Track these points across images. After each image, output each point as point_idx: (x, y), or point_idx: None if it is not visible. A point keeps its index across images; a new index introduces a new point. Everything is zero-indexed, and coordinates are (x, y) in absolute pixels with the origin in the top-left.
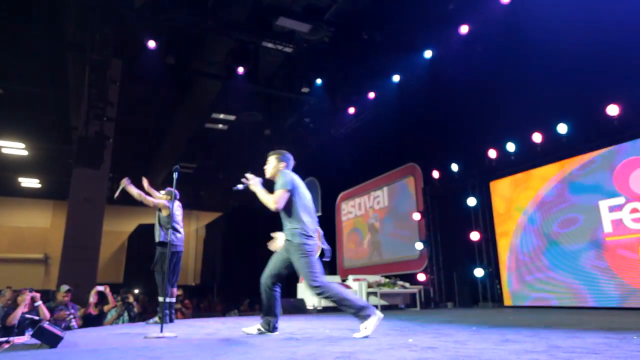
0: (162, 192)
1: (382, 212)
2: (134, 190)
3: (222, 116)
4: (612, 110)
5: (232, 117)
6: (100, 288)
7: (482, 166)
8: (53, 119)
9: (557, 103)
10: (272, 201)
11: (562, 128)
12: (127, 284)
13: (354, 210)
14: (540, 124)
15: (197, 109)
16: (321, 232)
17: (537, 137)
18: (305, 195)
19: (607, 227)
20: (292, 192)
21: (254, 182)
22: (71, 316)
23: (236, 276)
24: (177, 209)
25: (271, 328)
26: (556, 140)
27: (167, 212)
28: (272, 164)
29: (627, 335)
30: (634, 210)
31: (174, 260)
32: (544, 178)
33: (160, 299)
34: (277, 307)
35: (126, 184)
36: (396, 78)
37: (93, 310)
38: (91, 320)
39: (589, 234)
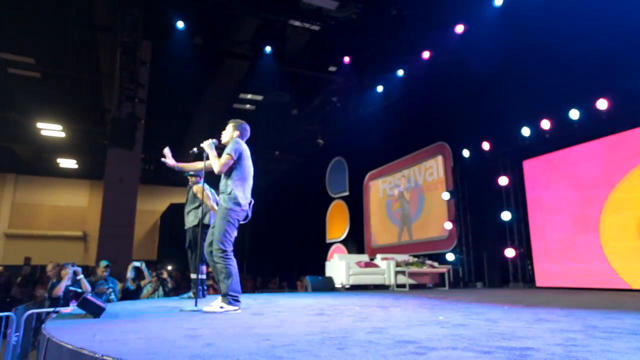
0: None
1: (411, 191)
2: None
3: (249, 96)
4: None
5: (259, 98)
6: (137, 264)
7: (515, 144)
8: (87, 102)
9: (596, 78)
10: (217, 164)
11: (601, 104)
12: (160, 260)
13: (382, 189)
14: (577, 100)
15: (226, 90)
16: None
17: (574, 114)
18: (248, 167)
19: None
20: (237, 160)
21: (207, 143)
22: (110, 290)
23: (265, 254)
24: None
25: (229, 301)
26: (595, 116)
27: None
28: (228, 131)
29: None
30: None
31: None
32: (582, 157)
33: (193, 276)
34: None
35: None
36: (426, 54)
37: (131, 284)
38: (129, 295)
39: (627, 215)
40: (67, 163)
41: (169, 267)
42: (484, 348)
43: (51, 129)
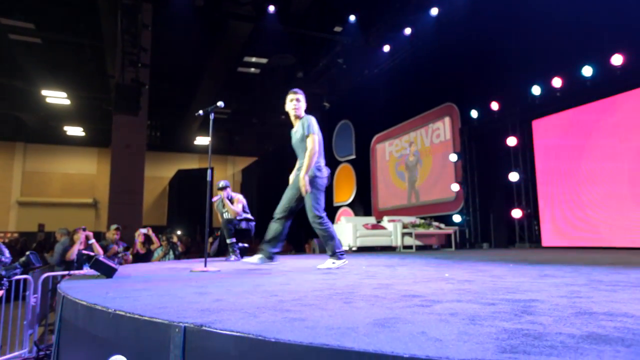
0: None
1: (418, 154)
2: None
3: (254, 59)
4: None
5: (264, 60)
6: (144, 230)
7: (525, 104)
8: (91, 68)
9: (611, 32)
10: (312, 148)
11: (616, 59)
12: (170, 226)
13: (389, 152)
14: (591, 56)
15: (229, 53)
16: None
17: (587, 71)
18: (321, 139)
19: None
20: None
21: (301, 183)
22: (122, 252)
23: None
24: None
25: (270, 256)
26: (609, 73)
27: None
28: (302, 102)
29: None
30: None
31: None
32: (593, 114)
33: (228, 240)
34: (281, 239)
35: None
36: (434, 11)
37: (141, 249)
38: (140, 258)
39: (636, 173)
40: (74, 131)
41: (179, 232)
42: (489, 300)
43: (56, 97)
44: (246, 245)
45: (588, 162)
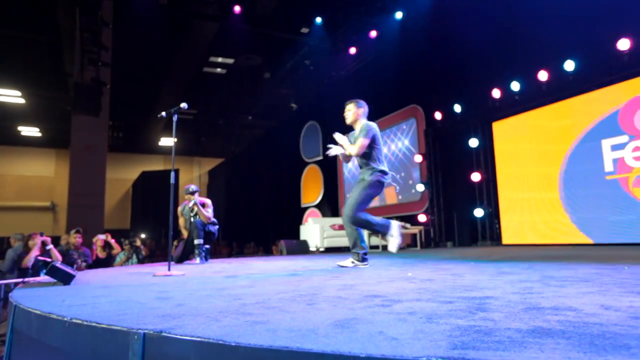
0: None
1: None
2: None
3: (220, 60)
4: (623, 44)
5: (230, 61)
6: (102, 236)
7: (485, 106)
8: (47, 65)
9: (565, 38)
10: (354, 149)
11: (569, 65)
12: (134, 229)
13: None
14: (546, 62)
15: (195, 53)
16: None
17: (543, 75)
18: (380, 141)
19: (609, 166)
20: (372, 141)
21: (338, 145)
22: (81, 258)
23: (240, 220)
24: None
25: (361, 259)
26: (563, 78)
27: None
28: (351, 111)
29: (619, 266)
30: (636, 149)
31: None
32: (549, 117)
33: (196, 241)
34: (362, 240)
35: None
36: (399, 15)
37: (100, 254)
38: (100, 263)
39: (590, 172)
40: (30, 131)
41: (143, 235)
42: (447, 299)
43: (9, 95)
44: (208, 246)
45: (543, 163)
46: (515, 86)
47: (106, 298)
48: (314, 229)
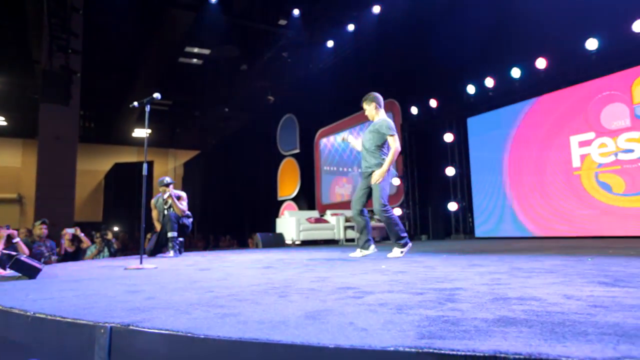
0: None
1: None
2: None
3: (196, 50)
4: (591, 44)
5: (206, 52)
6: (71, 230)
7: (460, 102)
8: (12, 51)
9: (537, 37)
10: (395, 147)
11: (540, 63)
12: (106, 222)
13: (333, 147)
14: (519, 59)
15: (170, 42)
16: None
17: (515, 73)
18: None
19: (576, 162)
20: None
21: (377, 174)
22: (49, 250)
23: (216, 213)
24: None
25: (367, 247)
26: (534, 75)
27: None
28: (370, 107)
29: (583, 258)
30: (602, 145)
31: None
32: (521, 113)
33: (170, 234)
34: (369, 229)
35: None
36: (376, 9)
37: (69, 247)
38: (69, 257)
39: (558, 167)
40: None
41: (116, 228)
42: (418, 290)
43: None
44: (182, 239)
45: (515, 159)
46: (489, 82)
47: (73, 292)
48: (290, 222)
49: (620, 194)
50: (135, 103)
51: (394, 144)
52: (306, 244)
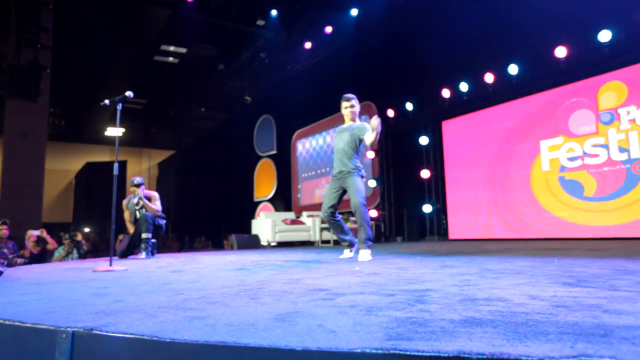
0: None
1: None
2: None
3: (172, 49)
4: (560, 52)
5: (183, 50)
6: (36, 232)
7: (436, 105)
8: None
9: (509, 44)
10: (372, 141)
11: (512, 69)
12: (76, 222)
13: (310, 148)
14: (493, 65)
15: (145, 40)
16: None
17: (489, 78)
18: None
19: (546, 166)
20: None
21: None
22: (12, 252)
23: (191, 214)
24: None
25: (353, 243)
26: (507, 81)
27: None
28: (356, 108)
29: (550, 259)
30: (571, 150)
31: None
32: (494, 118)
33: (144, 235)
34: (346, 229)
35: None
36: (354, 12)
37: (34, 249)
38: (35, 259)
39: (528, 171)
40: None
41: (87, 229)
42: (389, 291)
43: None
44: (155, 240)
45: (488, 161)
46: (463, 87)
47: (36, 295)
48: (266, 224)
49: (587, 197)
50: (107, 101)
51: (373, 136)
52: (282, 245)
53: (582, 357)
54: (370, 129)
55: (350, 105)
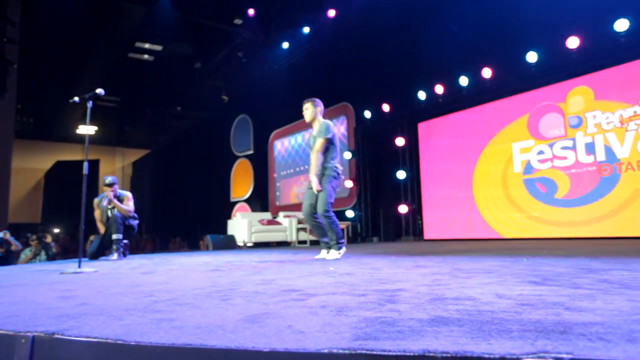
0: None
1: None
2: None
3: (147, 46)
4: (531, 57)
5: (159, 48)
6: None
7: (412, 107)
8: None
9: (482, 47)
10: (318, 149)
11: (486, 72)
12: (45, 223)
13: (287, 148)
14: (467, 68)
15: (119, 36)
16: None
17: (463, 81)
18: (338, 145)
19: (517, 167)
20: (331, 141)
21: (314, 182)
22: None
23: (166, 214)
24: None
25: (329, 247)
26: (480, 84)
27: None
28: (309, 110)
29: (519, 258)
30: (541, 152)
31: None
32: (468, 120)
33: (115, 236)
34: (324, 229)
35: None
36: (332, 13)
37: None
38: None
39: (501, 172)
40: None
41: (56, 230)
42: (361, 292)
43: None
44: (127, 241)
45: (462, 163)
46: (438, 89)
47: None
48: (242, 224)
49: (556, 198)
50: (76, 98)
51: (318, 147)
52: (258, 246)
53: (541, 354)
54: (323, 138)
55: (304, 109)
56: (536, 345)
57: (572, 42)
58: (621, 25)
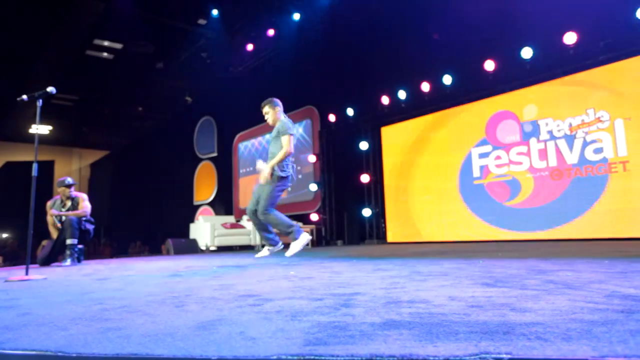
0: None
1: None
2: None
3: (106, 43)
4: (489, 65)
5: (118, 46)
6: None
7: (375, 112)
8: None
9: (443, 55)
10: (285, 152)
11: (447, 79)
12: None
13: (251, 151)
14: (429, 74)
15: (76, 33)
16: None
17: (425, 87)
18: (295, 136)
19: (476, 172)
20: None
21: (265, 171)
22: None
23: (126, 217)
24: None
25: (274, 243)
26: (442, 90)
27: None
28: (270, 113)
29: (475, 261)
30: (498, 157)
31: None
32: (430, 125)
33: (69, 241)
34: (269, 227)
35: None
36: (297, 16)
37: None
38: None
39: (461, 177)
40: None
41: (4, 235)
42: (318, 296)
43: None
44: (82, 246)
45: (423, 167)
46: (401, 95)
47: None
48: (205, 228)
49: (512, 202)
50: (25, 96)
51: (287, 145)
52: (221, 249)
53: (483, 355)
54: (287, 135)
55: (264, 113)
56: (479, 346)
57: (527, 53)
58: (570, 38)
